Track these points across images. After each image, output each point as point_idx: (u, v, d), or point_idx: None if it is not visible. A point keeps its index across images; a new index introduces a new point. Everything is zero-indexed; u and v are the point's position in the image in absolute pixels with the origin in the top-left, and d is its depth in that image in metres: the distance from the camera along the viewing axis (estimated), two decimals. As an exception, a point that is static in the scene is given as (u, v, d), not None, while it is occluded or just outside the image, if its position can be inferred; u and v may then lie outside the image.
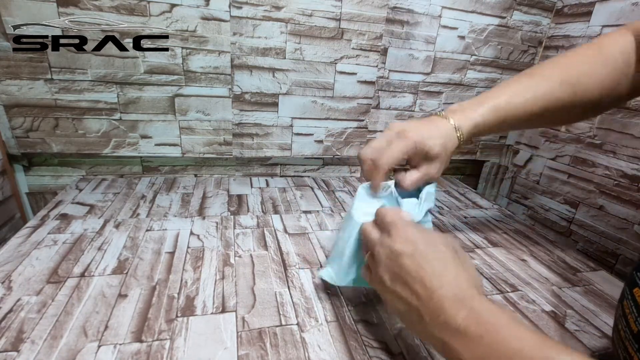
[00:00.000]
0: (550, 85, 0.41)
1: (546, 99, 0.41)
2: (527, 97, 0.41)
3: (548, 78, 0.42)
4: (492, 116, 0.40)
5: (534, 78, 0.42)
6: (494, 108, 0.40)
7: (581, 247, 0.79)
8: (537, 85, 0.41)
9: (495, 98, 0.41)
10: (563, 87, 0.41)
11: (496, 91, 0.42)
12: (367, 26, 0.75)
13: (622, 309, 0.32)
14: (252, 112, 0.76)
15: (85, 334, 0.35)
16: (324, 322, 0.39)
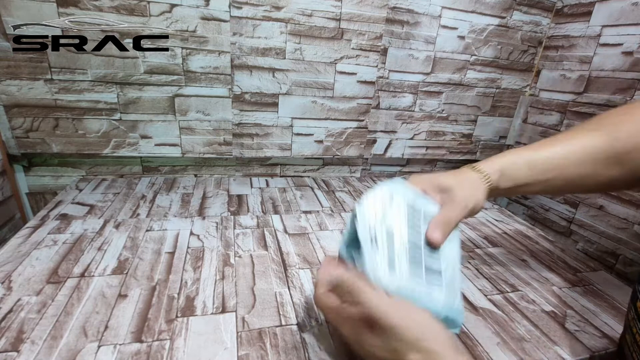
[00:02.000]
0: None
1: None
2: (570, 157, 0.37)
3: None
4: (520, 160, 0.38)
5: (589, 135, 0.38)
6: (525, 155, 0.38)
7: (581, 247, 0.79)
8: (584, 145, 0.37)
9: (531, 148, 0.39)
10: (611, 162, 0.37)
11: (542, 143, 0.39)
12: (367, 26, 0.75)
13: (636, 311, 0.31)
14: (252, 112, 0.76)
15: (85, 334, 0.35)
16: (324, 322, 0.39)
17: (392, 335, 0.26)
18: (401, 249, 0.31)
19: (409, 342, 0.26)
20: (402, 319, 0.27)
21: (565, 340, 0.40)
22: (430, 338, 0.26)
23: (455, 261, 0.33)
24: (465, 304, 0.44)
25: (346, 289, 0.29)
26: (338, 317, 0.30)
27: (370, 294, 0.28)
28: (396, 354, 0.26)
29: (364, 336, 0.28)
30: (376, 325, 0.27)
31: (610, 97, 0.73)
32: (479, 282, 0.49)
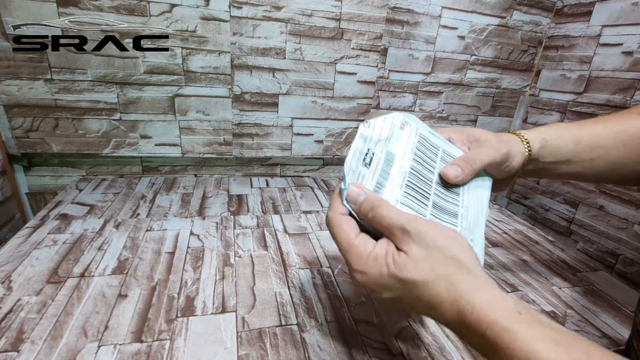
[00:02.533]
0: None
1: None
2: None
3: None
4: (566, 133, 0.35)
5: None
6: (572, 129, 0.35)
7: (581, 247, 0.79)
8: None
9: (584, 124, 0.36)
10: None
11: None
12: (367, 26, 0.75)
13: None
14: (252, 112, 0.76)
15: (85, 334, 0.35)
16: (324, 322, 0.39)
17: (420, 242, 0.24)
18: (398, 175, 0.29)
19: (439, 248, 0.23)
20: (429, 226, 0.24)
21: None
22: (457, 248, 0.24)
23: (481, 210, 0.30)
24: (465, 304, 0.44)
25: (367, 206, 0.26)
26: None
27: (392, 208, 0.26)
28: (424, 266, 0.23)
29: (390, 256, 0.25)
30: (404, 235, 0.24)
31: (610, 97, 0.73)
32: (479, 282, 0.49)
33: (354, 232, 0.26)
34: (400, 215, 0.25)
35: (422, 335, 0.38)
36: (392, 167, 0.29)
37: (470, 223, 0.29)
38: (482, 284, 0.23)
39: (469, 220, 0.29)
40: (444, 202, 0.29)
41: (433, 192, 0.29)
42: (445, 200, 0.29)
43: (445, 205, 0.29)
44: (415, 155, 0.31)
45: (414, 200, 0.28)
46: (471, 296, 0.22)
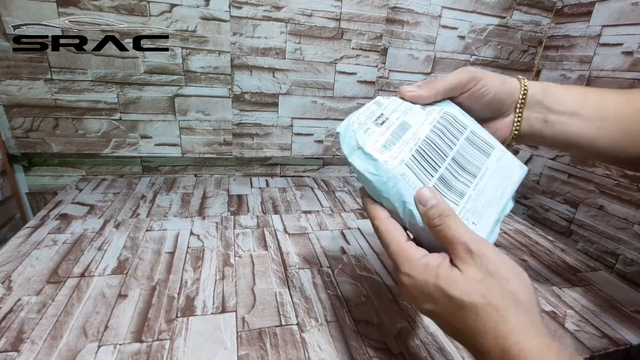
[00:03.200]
0: None
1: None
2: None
3: None
4: (572, 87, 0.33)
5: None
6: (580, 88, 0.33)
7: (581, 247, 0.79)
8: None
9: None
10: None
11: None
12: (367, 26, 0.75)
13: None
14: (252, 112, 0.76)
15: (85, 334, 0.35)
16: (324, 322, 0.39)
17: (480, 265, 0.22)
18: (410, 141, 0.28)
19: (500, 278, 0.22)
20: (494, 253, 0.23)
21: (565, 340, 0.40)
22: (518, 284, 0.22)
23: (496, 200, 0.28)
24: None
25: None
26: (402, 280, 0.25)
27: (460, 222, 0.25)
28: (477, 290, 0.22)
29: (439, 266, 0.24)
30: (466, 254, 0.23)
31: (610, 97, 0.73)
32: (479, 282, 0.49)
33: (403, 237, 0.26)
34: (467, 232, 0.24)
35: (422, 335, 0.38)
36: (406, 133, 0.29)
37: (477, 207, 0.27)
38: (535, 327, 0.21)
39: (476, 204, 0.27)
40: (453, 179, 0.28)
41: (445, 166, 0.28)
42: (456, 178, 0.28)
43: (453, 183, 0.28)
44: (435, 127, 0.30)
45: (420, 167, 0.27)
46: (521, 337, 0.20)
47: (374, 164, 0.27)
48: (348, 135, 0.28)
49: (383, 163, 0.27)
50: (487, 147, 0.31)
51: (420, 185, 0.27)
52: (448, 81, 0.31)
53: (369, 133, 0.28)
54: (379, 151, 0.27)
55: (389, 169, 0.27)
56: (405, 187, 0.26)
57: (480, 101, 0.32)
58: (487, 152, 0.31)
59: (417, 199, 0.26)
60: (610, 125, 0.32)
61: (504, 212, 0.29)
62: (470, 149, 0.30)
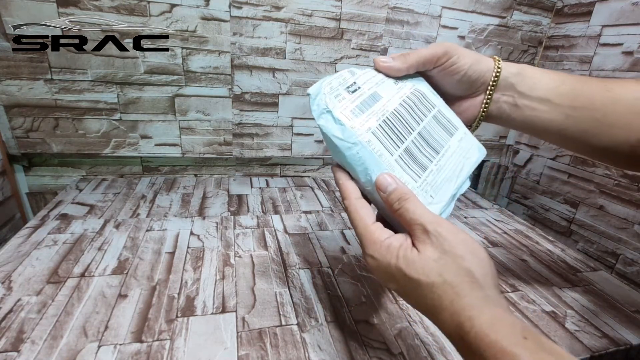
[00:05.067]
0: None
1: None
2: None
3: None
4: (549, 72, 0.32)
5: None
6: (559, 73, 0.32)
7: (581, 247, 0.79)
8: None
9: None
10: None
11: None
12: (367, 26, 0.75)
13: None
14: (252, 112, 0.76)
15: (85, 334, 0.35)
16: (324, 322, 0.39)
17: (437, 245, 0.23)
18: (379, 111, 0.29)
19: (455, 256, 0.23)
20: (450, 232, 0.23)
21: (565, 340, 0.40)
22: (473, 261, 0.23)
23: (455, 176, 0.30)
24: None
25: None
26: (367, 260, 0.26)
27: (419, 203, 0.25)
28: (434, 269, 0.23)
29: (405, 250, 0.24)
30: (423, 234, 0.24)
31: (610, 97, 0.73)
32: (479, 282, 0.49)
33: (370, 218, 0.27)
34: (425, 213, 0.25)
35: (422, 335, 0.38)
36: (376, 103, 0.30)
37: (437, 182, 0.29)
38: (489, 302, 0.21)
39: (436, 179, 0.29)
40: (418, 152, 0.29)
41: (411, 139, 0.29)
42: (420, 151, 0.29)
43: (417, 155, 0.29)
44: (404, 102, 0.31)
45: (386, 136, 0.28)
46: (473, 311, 0.21)
47: (341, 128, 0.28)
48: (319, 98, 0.29)
49: (349, 128, 0.28)
50: (452, 127, 0.32)
51: (385, 153, 0.28)
52: (422, 54, 0.31)
53: (340, 99, 0.29)
54: (346, 116, 0.28)
55: (355, 134, 0.27)
56: (370, 153, 0.27)
57: (449, 78, 0.33)
58: (450, 132, 0.32)
59: (377, 185, 0.27)
60: (581, 114, 0.31)
61: (461, 190, 0.30)
62: (436, 127, 0.31)
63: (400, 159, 0.28)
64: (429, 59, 0.31)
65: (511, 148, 0.98)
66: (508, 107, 0.33)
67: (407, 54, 0.31)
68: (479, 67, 0.32)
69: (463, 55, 0.31)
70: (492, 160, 1.01)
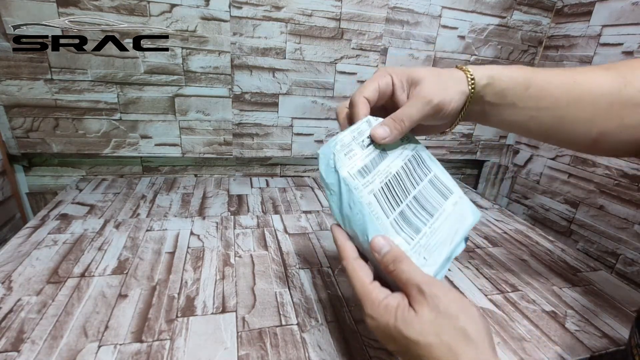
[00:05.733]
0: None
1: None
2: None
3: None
4: (518, 74, 0.32)
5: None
6: (526, 72, 0.32)
7: (581, 247, 0.79)
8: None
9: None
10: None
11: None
12: (367, 26, 0.75)
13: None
14: (252, 112, 0.76)
15: (85, 334, 0.35)
16: (324, 322, 0.39)
17: (432, 305, 0.24)
18: (384, 172, 0.30)
19: (449, 316, 0.23)
20: (444, 292, 0.24)
21: (565, 340, 0.40)
22: (467, 320, 0.23)
23: (449, 240, 0.30)
24: (466, 304, 0.44)
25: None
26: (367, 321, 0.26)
27: (412, 264, 0.26)
28: (431, 330, 0.23)
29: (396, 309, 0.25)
30: (418, 294, 0.24)
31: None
32: (479, 282, 0.49)
33: (368, 278, 0.27)
34: (419, 274, 0.25)
35: (422, 335, 0.38)
36: (382, 162, 0.31)
37: (430, 244, 0.29)
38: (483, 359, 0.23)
39: (429, 241, 0.29)
40: (413, 215, 0.30)
41: (406, 202, 0.30)
42: (415, 214, 0.30)
43: (412, 219, 0.30)
44: (406, 165, 0.32)
45: (385, 199, 0.29)
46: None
47: (346, 188, 0.29)
48: (328, 157, 0.30)
49: (354, 189, 0.29)
50: (447, 191, 0.33)
51: (382, 215, 0.28)
52: (413, 118, 0.31)
53: (350, 155, 0.30)
54: (353, 177, 0.29)
55: (358, 196, 0.28)
56: (369, 215, 0.28)
57: (438, 119, 0.33)
58: (445, 196, 0.32)
59: (371, 247, 0.28)
60: (545, 114, 0.32)
61: (456, 252, 0.30)
62: (431, 191, 0.32)
63: (395, 222, 0.29)
64: (422, 119, 0.31)
65: (511, 148, 0.98)
66: (476, 115, 0.34)
67: (401, 120, 0.31)
68: (456, 100, 0.31)
69: (450, 101, 0.31)
70: (492, 160, 1.01)
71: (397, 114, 0.31)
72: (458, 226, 0.31)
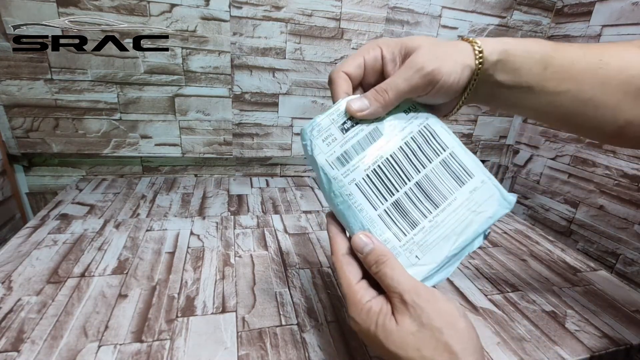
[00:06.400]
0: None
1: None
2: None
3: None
4: (536, 49, 0.27)
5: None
6: (546, 47, 0.27)
7: (581, 247, 0.79)
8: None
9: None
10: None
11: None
12: (367, 26, 0.75)
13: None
14: (252, 112, 0.76)
15: (85, 334, 0.35)
16: (324, 322, 0.39)
17: (415, 317, 0.22)
18: (372, 156, 0.26)
19: (433, 329, 0.22)
20: (429, 302, 0.23)
21: (565, 340, 0.40)
22: (452, 334, 0.22)
23: (455, 238, 0.26)
24: (466, 304, 0.44)
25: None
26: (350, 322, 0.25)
27: (398, 267, 0.24)
28: (412, 343, 0.22)
29: (383, 318, 0.24)
30: (401, 304, 0.23)
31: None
32: (479, 282, 0.49)
33: (355, 277, 0.25)
34: (402, 280, 0.23)
35: (422, 335, 0.38)
36: (371, 145, 0.27)
37: (427, 241, 0.26)
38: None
39: (427, 238, 0.26)
40: (411, 206, 0.26)
41: (405, 190, 0.26)
42: (414, 204, 0.26)
43: (410, 210, 0.26)
44: (407, 144, 0.27)
45: (373, 189, 0.26)
46: None
47: (326, 177, 0.26)
48: (305, 143, 0.27)
49: (332, 179, 0.26)
50: (464, 175, 0.27)
51: (367, 207, 0.26)
52: (399, 89, 0.26)
53: (329, 141, 0.27)
54: (331, 165, 0.26)
55: (338, 186, 0.26)
56: (350, 207, 0.26)
57: (437, 97, 0.27)
58: (462, 180, 0.27)
59: (353, 246, 0.25)
60: (564, 98, 0.28)
61: (468, 249, 0.26)
62: (443, 174, 0.27)
63: (385, 214, 0.26)
64: (412, 90, 0.26)
65: (511, 148, 0.98)
66: (483, 97, 0.29)
67: (384, 91, 0.26)
68: (456, 73, 0.26)
69: (445, 74, 0.25)
70: (492, 160, 1.01)
71: (381, 84, 0.26)
72: (473, 218, 0.26)
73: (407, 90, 0.26)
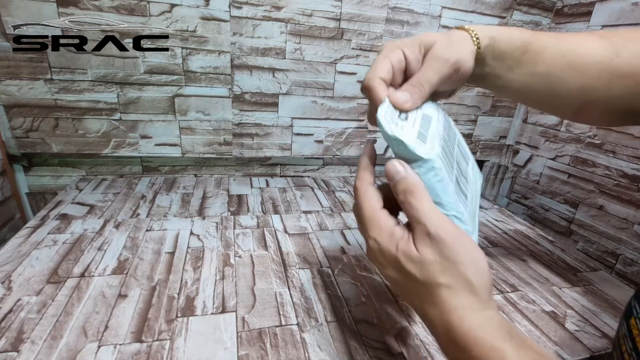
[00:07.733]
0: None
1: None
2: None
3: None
4: (517, 37, 0.31)
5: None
6: (525, 35, 0.31)
7: (581, 247, 0.79)
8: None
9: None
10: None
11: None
12: (367, 26, 0.75)
13: (629, 328, 0.29)
14: (252, 112, 0.76)
15: (85, 334, 0.35)
16: (324, 322, 0.39)
17: (437, 249, 0.23)
18: (435, 135, 0.27)
19: (454, 262, 0.23)
20: (453, 238, 0.23)
21: (565, 340, 0.40)
22: (473, 270, 0.23)
23: (476, 201, 0.30)
24: (465, 304, 0.44)
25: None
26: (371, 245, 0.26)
27: (424, 200, 0.25)
28: (430, 270, 0.23)
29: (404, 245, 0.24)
30: (424, 235, 0.24)
31: (610, 97, 0.73)
32: (479, 282, 0.49)
33: (379, 204, 0.27)
34: (429, 213, 0.24)
35: (422, 335, 0.38)
36: (430, 125, 0.28)
37: (471, 210, 0.28)
38: (481, 307, 0.22)
39: (470, 208, 0.28)
40: (463, 180, 0.29)
41: (455, 167, 0.28)
42: (461, 180, 0.28)
43: (462, 184, 0.28)
44: (444, 129, 0.30)
45: (446, 164, 0.27)
46: (465, 312, 0.22)
47: (413, 155, 0.26)
48: (383, 127, 0.27)
49: (424, 155, 0.25)
50: (467, 156, 0.32)
51: (447, 178, 0.26)
52: (432, 81, 0.29)
53: (402, 131, 0.27)
54: (416, 142, 0.26)
55: (430, 159, 0.25)
56: (440, 181, 0.26)
57: (451, 84, 0.31)
58: (467, 160, 0.32)
59: (385, 173, 0.26)
60: (538, 80, 0.32)
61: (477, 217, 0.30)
62: (459, 156, 0.31)
63: (456, 187, 0.27)
64: (441, 81, 0.29)
65: (511, 148, 0.98)
66: (475, 77, 0.33)
67: (421, 85, 0.29)
68: (469, 60, 0.30)
69: (464, 61, 0.29)
70: (492, 160, 1.01)
71: (413, 79, 0.29)
72: (475, 189, 0.31)
73: (438, 80, 0.29)
